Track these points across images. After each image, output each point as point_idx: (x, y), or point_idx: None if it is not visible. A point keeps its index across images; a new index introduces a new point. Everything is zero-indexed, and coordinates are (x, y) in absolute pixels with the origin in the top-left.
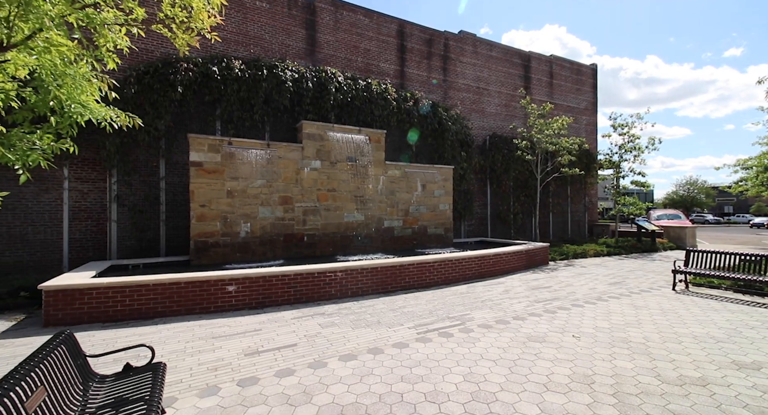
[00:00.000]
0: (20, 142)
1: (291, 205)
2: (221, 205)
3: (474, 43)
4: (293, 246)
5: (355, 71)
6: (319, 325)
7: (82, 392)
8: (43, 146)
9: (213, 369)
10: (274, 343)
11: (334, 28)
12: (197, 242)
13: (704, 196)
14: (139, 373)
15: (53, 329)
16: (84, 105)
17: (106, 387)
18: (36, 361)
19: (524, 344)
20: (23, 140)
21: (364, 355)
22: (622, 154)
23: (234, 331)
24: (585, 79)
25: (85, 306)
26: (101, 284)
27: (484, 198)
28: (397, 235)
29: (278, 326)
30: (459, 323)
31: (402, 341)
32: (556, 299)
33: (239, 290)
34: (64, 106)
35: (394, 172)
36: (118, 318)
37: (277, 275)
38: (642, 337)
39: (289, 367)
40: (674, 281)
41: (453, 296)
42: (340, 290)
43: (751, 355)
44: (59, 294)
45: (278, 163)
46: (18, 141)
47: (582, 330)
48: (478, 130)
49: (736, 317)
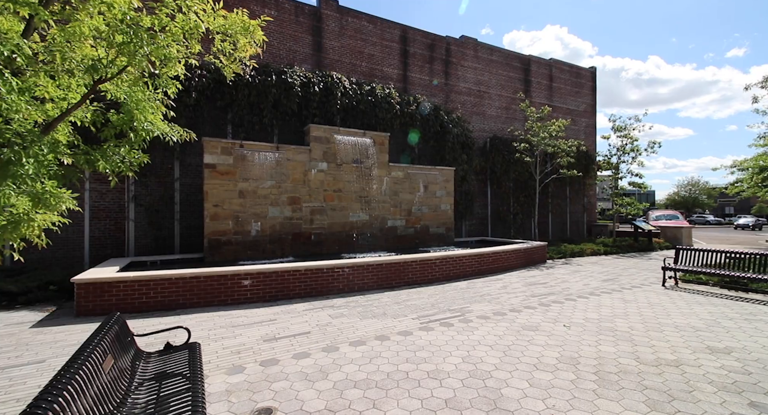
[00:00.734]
0: (113, 155)
1: (299, 205)
2: (233, 205)
3: (475, 47)
4: (301, 244)
5: (360, 76)
6: (330, 316)
7: (131, 365)
8: (130, 158)
9: (236, 352)
10: (289, 331)
11: (340, 34)
12: (211, 240)
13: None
14: (179, 351)
15: (84, 318)
16: (152, 123)
17: (152, 361)
18: (101, 335)
19: (518, 332)
20: (115, 153)
21: (372, 341)
22: (620, 156)
23: (251, 321)
24: (584, 82)
25: (113, 298)
26: (128, 277)
27: (485, 198)
28: (400, 234)
29: (291, 317)
30: (459, 315)
31: (406, 329)
32: (551, 294)
33: (254, 284)
34: (138, 124)
35: (398, 174)
36: (143, 309)
37: (289, 270)
38: (627, 326)
39: (305, 351)
40: (664, 278)
41: (453, 291)
42: (347, 285)
43: (725, 342)
44: (90, 287)
45: (287, 165)
46: (112, 154)
47: (573, 320)
48: (479, 133)
49: (718, 310)
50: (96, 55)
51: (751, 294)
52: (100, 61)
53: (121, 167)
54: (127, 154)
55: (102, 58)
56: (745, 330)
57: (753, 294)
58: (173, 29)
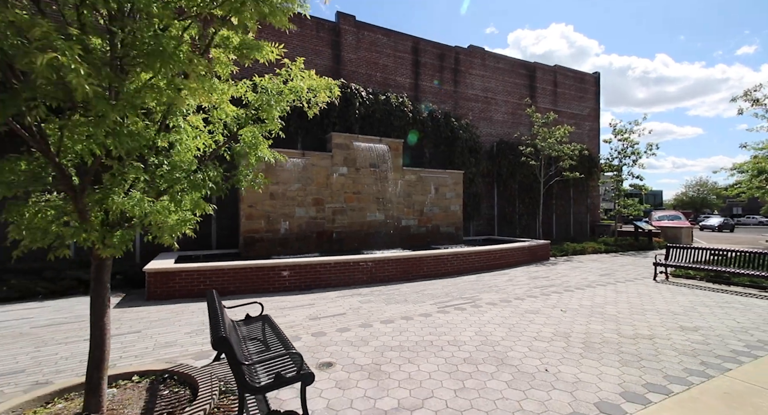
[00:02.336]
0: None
1: (322, 206)
2: (265, 206)
3: (482, 56)
4: (324, 242)
5: (375, 85)
6: (359, 301)
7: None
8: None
9: (290, 327)
10: (328, 312)
11: (356, 46)
12: (246, 237)
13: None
14: (256, 321)
15: (154, 301)
16: (263, 152)
17: (241, 326)
18: (218, 303)
19: (522, 315)
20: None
21: (398, 320)
22: (621, 159)
23: (294, 304)
24: (588, 87)
25: (176, 285)
26: (188, 268)
27: (492, 200)
28: (412, 233)
29: (327, 302)
30: (470, 302)
31: (426, 312)
32: (552, 286)
33: (291, 274)
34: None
35: (411, 177)
36: (200, 294)
37: (321, 263)
38: (615, 311)
39: (345, 326)
40: (655, 273)
41: (464, 283)
42: (370, 277)
43: (696, 322)
44: (158, 275)
45: (311, 169)
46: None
47: (569, 306)
48: (486, 137)
49: (698, 299)
50: (240, 112)
51: (732, 287)
52: (243, 116)
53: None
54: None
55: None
56: (717, 314)
57: (734, 287)
58: (286, 91)
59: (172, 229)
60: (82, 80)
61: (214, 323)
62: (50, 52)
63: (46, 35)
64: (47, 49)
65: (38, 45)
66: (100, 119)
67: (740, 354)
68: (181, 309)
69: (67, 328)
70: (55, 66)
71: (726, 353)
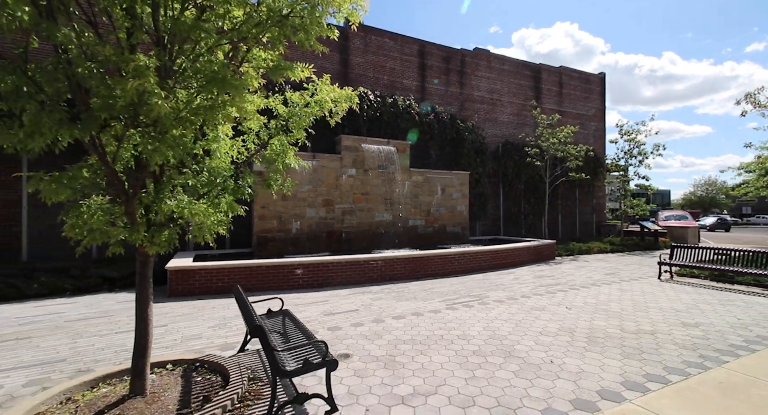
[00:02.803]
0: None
1: (332, 206)
2: (277, 206)
3: (488, 58)
4: (334, 242)
5: (382, 88)
6: (370, 299)
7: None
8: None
9: (306, 322)
10: (341, 308)
11: (364, 50)
12: (259, 236)
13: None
14: (277, 315)
15: (175, 298)
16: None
17: (265, 321)
18: (243, 298)
19: (528, 311)
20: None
21: (409, 316)
22: (627, 159)
23: (308, 301)
24: (593, 87)
25: (196, 282)
26: (207, 265)
27: (497, 200)
28: (420, 233)
29: (339, 299)
30: (478, 299)
31: (435, 309)
32: (557, 284)
33: (304, 273)
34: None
35: (418, 178)
36: (218, 291)
37: (333, 262)
38: (619, 308)
39: (358, 321)
40: (659, 272)
41: (471, 281)
42: (380, 275)
43: (697, 319)
44: (179, 273)
45: (322, 171)
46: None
47: (573, 304)
48: (492, 138)
49: (701, 297)
50: (271, 123)
51: (736, 286)
52: (273, 127)
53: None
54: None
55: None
56: (719, 312)
57: (738, 286)
58: (312, 104)
59: (210, 229)
60: (162, 102)
61: (247, 314)
62: (137, 80)
63: (136, 67)
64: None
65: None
66: (164, 134)
67: (738, 348)
68: (202, 305)
69: (97, 322)
70: (139, 91)
71: (725, 347)
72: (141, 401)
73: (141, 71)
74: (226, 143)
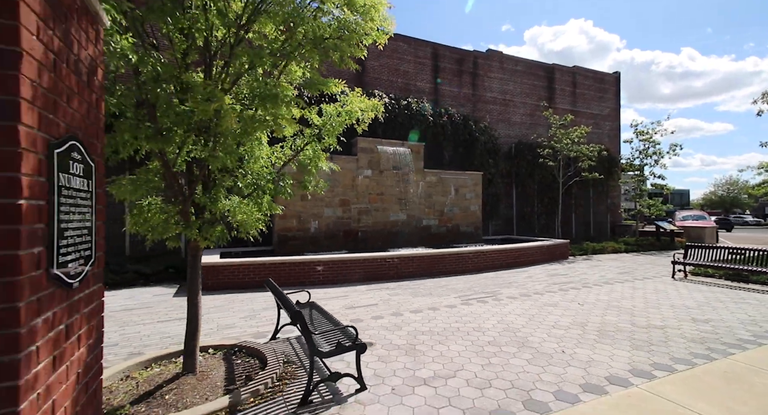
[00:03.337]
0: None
1: (348, 206)
2: (297, 206)
3: (500, 59)
4: (350, 240)
5: (396, 90)
6: (388, 294)
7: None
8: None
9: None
10: (361, 303)
11: (379, 54)
12: (280, 235)
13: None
14: (305, 306)
15: (206, 291)
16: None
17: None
18: (278, 290)
19: (540, 307)
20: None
21: (426, 311)
22: (642, 159)
23: (330, 296)
24: (608, 87)
25: (225, 277)
26: (234, 262)
27: (510, 200)
28: (433, 232)
29: (359, 294)
30: (491, 296)
31: (451, 304)
32: (570, 283)
33: (325, 269)
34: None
35: (431, 178)
36: (244, 286)
37: (351, 259)
38: (631, 305)
39: (378, 314)
40: (673, 271)
41: (485, 279)
42: (396, 272)
43: (708, 315)
44: (209, 269)
45: (338, 172)
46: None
47: (586, 301)
48: (505, 139)
49: (714, 296)
50: (307, 131)
51: (751, 285)
52: (308, 135)
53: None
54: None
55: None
56: (730, 309)
57: (752, 285)
58: (343, 114)
59: (251, 226)
60: (233, 118)
61: (285, 301)
62: (216, 103)
63: (211, 91)
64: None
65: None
66: (225, 144)
67: (746, 342)
68: (232, 298)
69: (139, 312)
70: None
71: (732, 341)
72: (192, 378)
73: (215, 94)
74: (267, 149)
